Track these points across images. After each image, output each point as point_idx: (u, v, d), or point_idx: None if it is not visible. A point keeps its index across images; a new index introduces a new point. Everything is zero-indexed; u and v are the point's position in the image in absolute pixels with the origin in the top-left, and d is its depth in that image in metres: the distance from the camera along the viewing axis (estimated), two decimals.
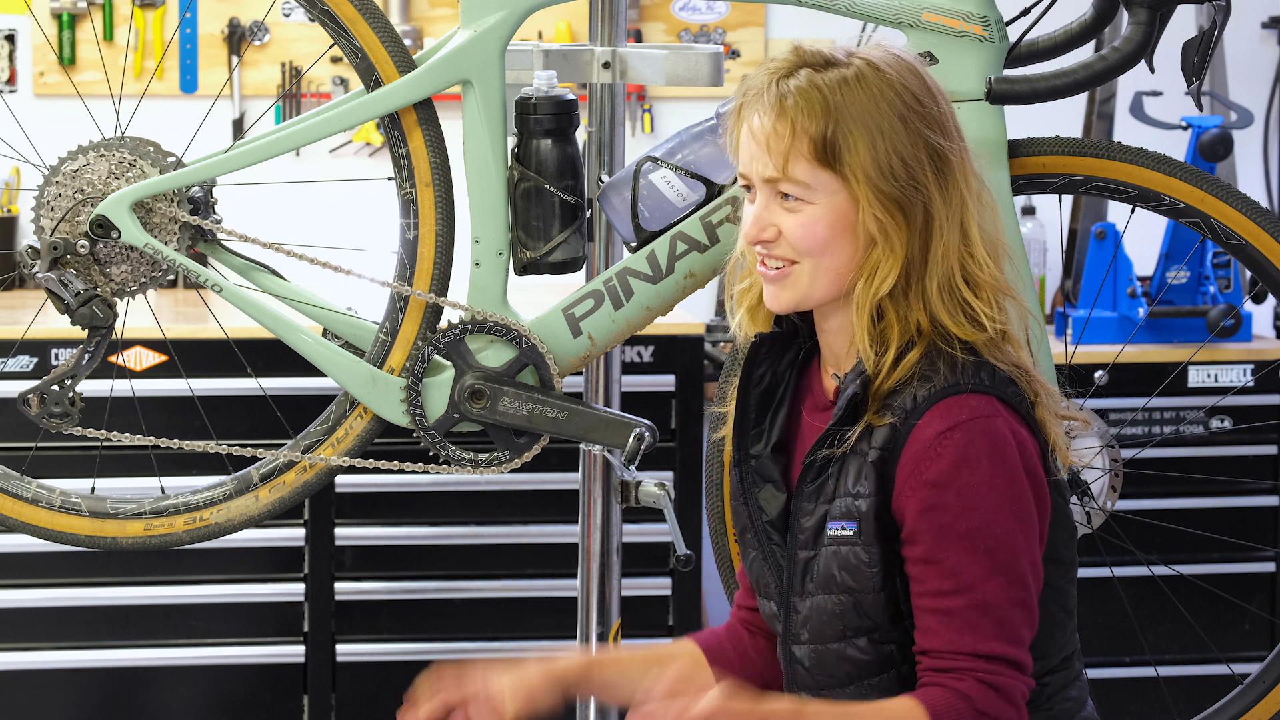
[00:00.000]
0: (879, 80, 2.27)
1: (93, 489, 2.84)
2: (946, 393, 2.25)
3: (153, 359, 4.28)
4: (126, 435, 2.79)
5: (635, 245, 2.71)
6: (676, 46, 2.89)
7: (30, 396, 2.72)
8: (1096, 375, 3.81)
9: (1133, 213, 2.80)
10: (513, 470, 2.74)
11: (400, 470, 2.79)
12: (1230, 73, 5.08)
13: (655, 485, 2.74)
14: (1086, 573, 2.64)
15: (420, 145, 2.68)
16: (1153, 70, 2.62)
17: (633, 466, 2.72)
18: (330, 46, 3.61)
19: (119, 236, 2.67)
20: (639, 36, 5.07)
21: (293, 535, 4.38)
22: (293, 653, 4.40)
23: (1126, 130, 4.79)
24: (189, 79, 4.98)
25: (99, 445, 2.81)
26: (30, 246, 2.71)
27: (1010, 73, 2.61)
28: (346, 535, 4.40)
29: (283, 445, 2.79)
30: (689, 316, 4.45)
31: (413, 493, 4.41)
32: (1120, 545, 3.04)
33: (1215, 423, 4.57)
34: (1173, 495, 4.51)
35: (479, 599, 4.44)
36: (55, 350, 4.25)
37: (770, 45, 5.14)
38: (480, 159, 2.68)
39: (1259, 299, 4.80)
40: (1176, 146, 4.08)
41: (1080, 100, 4.86)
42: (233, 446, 2.79)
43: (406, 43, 2.77)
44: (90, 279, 2.70)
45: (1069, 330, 4.59)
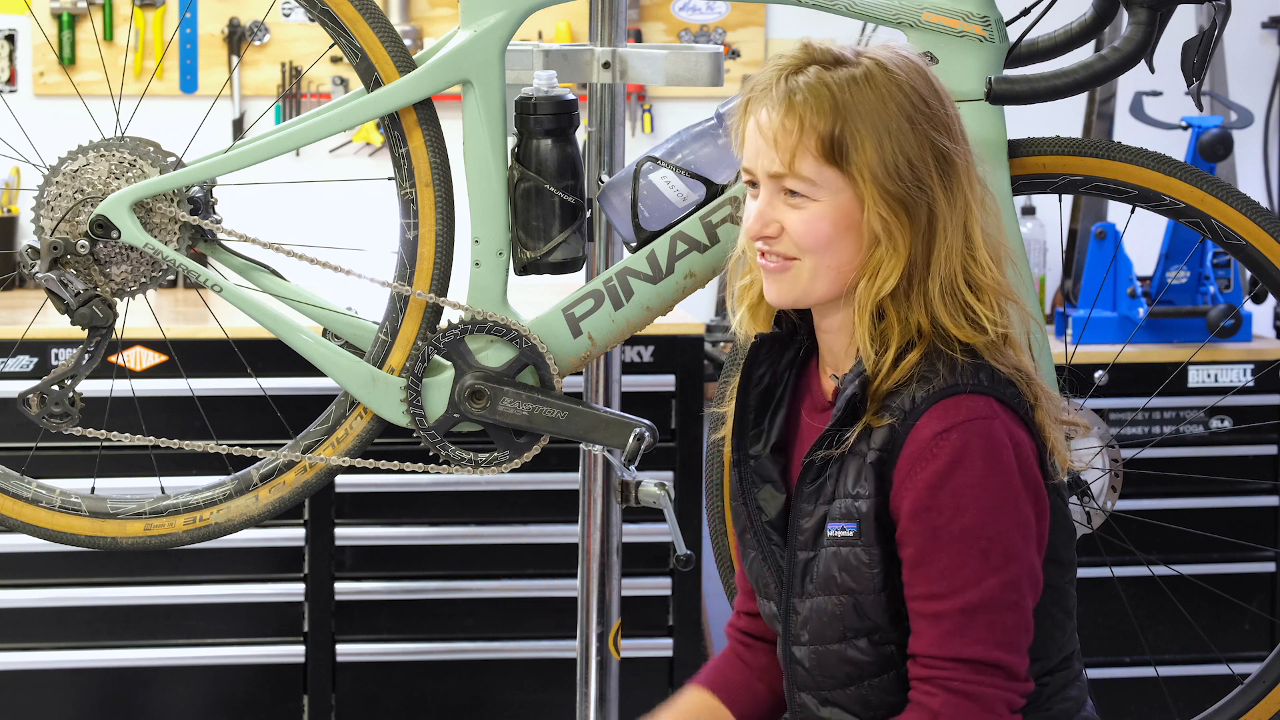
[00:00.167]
0: (888, 80, 2.27)
1: (93, 489, 2.84)
2: (945, 394, 2.25)
3: (153, 359, 4.27)
4: (126, 435, 2.78)
5: (635, 245, 2.71)
6: (676, 46, 2.89)
7: (30, 396, 2.72)
8: (1096, 375, 3.81)
9: (1133, 213, 2.80)
10: (513, 470, 2.74)
11: (400, 470, 2.79)
12: (1230, 73, 5.08)
13: (655, 485, 2.74)
14: (1086, 573, 2.64)
15: (420, 145, 2.68)
16: (1153, 70, 2.62)
17: (633, 466, 2.72)
18: (330, 46, 3.60)
19: (119, 236, 2.67)
20: (639, 36, 5.06)
21: (293, 535, 4.38)
22: (293, 653, 4.40)
23: (1126, 130, 4.79)
24: (189, 79, 4.98)
25: (99, 445, 2.80)
26: (30, 246, 2.70)
27: (1010, 73, 2.61)
28: (346, 535, 4.39)
29: (283, 445, 2.79)
30: (689, 316, 4.45)
31: (413, 493, 4.40)
32: (1120, 545, 3.04)
33: (1215, 423, 4.57)
34: (1173, 495, 4.50)
35: (479, 599, 4.44)
36: (55, 350, 4.25)
37: (770, 45, 5.14)
38: (480, 159, 2.68)
39: (1259, 299, 4.80)
40: (1176, 146, 4.08)
41: (1080, 100, 4.86)
42: (233, 446, 2.79)
43: (406, 43, 2.77)
44: (90, 279, 2.70)
45: (1069, 330, 4.59)
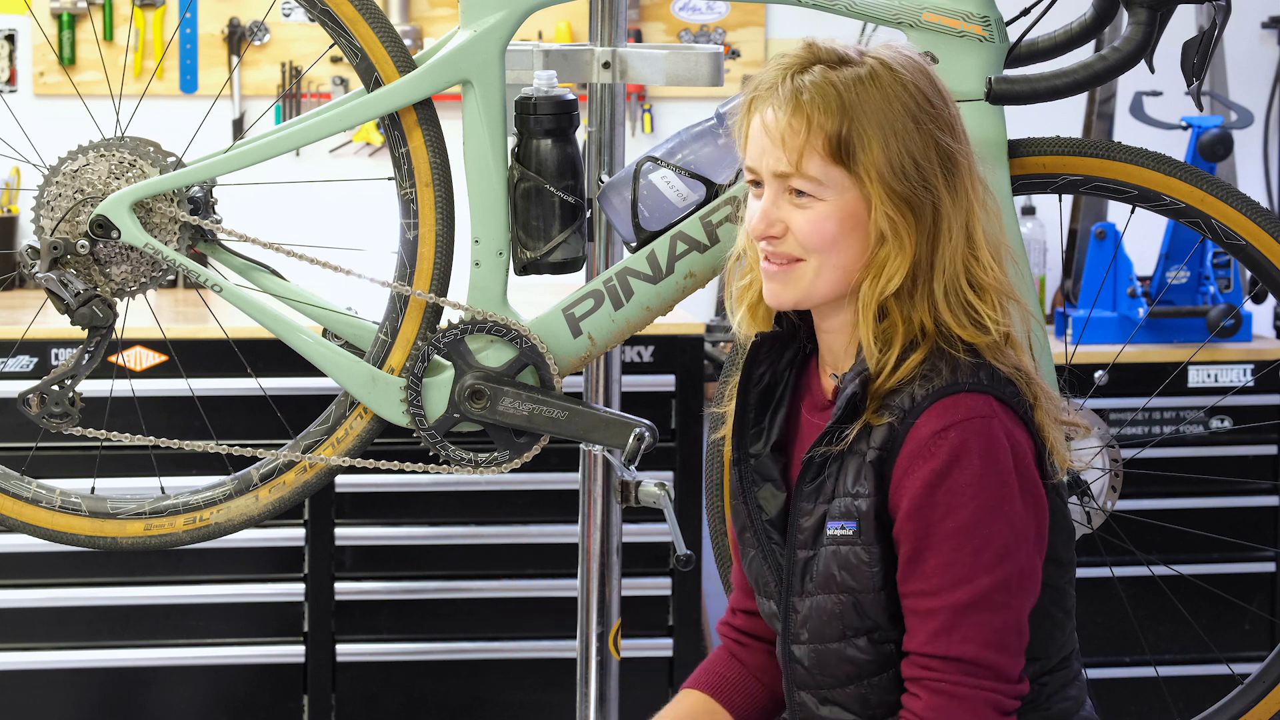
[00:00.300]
0: (893, 80, 2.26)
1: (93, 489, 2.84)
2: (944, 392, 2.25)
3: (153, 359, 4.27)
4: (126, 435, 2.78)
5: (635, 245, 2.71)
6: (676, 46, 2.89)
7: (30, 396, 2.72)
8: (1096, 375, 3.81)
9: (1133, 213, 2.80)
10: (513, 470, 2.74)
11: (400, 470, 2.79)
12: (1230, 73, 5.08)
13: (655, 485, 2.74)
14: (1086, 573, 2.64)
15: (420, 145, 2.68)
16: (1153, 70, 2.61)
17: (633, 466, 2.72)
18: (330, 46, 3.60)
19: (119, 236, 2.67)
20: (639, 36, 5.06)
21: (293, 535, 4.38)
22: (293, 653, 4.40)
23: (1126, 130, 4.79)
24: (189, 79, 4.98)
25: (99, 445, 2.80)
26: (30, 246, 2.70)
27: (1010, 73, 2.61)
28: (346, 535, 4.39)
29: (283, 445, 2.79)
30: (689, 316, 4.45)
31: (413, 493, 4.40)
32: (1120, 545, 3.04)
33: (1215, 423, 4.57)
34: (1173, 495, 4.50)
35: (479, 599, 4.44)
36: (55, 350, 4.25)
37: (770, 45, 5.14)
38: (480, 159, 2.68)
39: (1259, 299, 4.80)
40: (1176, 146, 4.08)
41: (1080, 100, 4.86)
42: (233, 446, 2.79)
43: (406, 43, 2.77)
44: (90, 279, 2.70)
45: (1069, 330, 4.59)
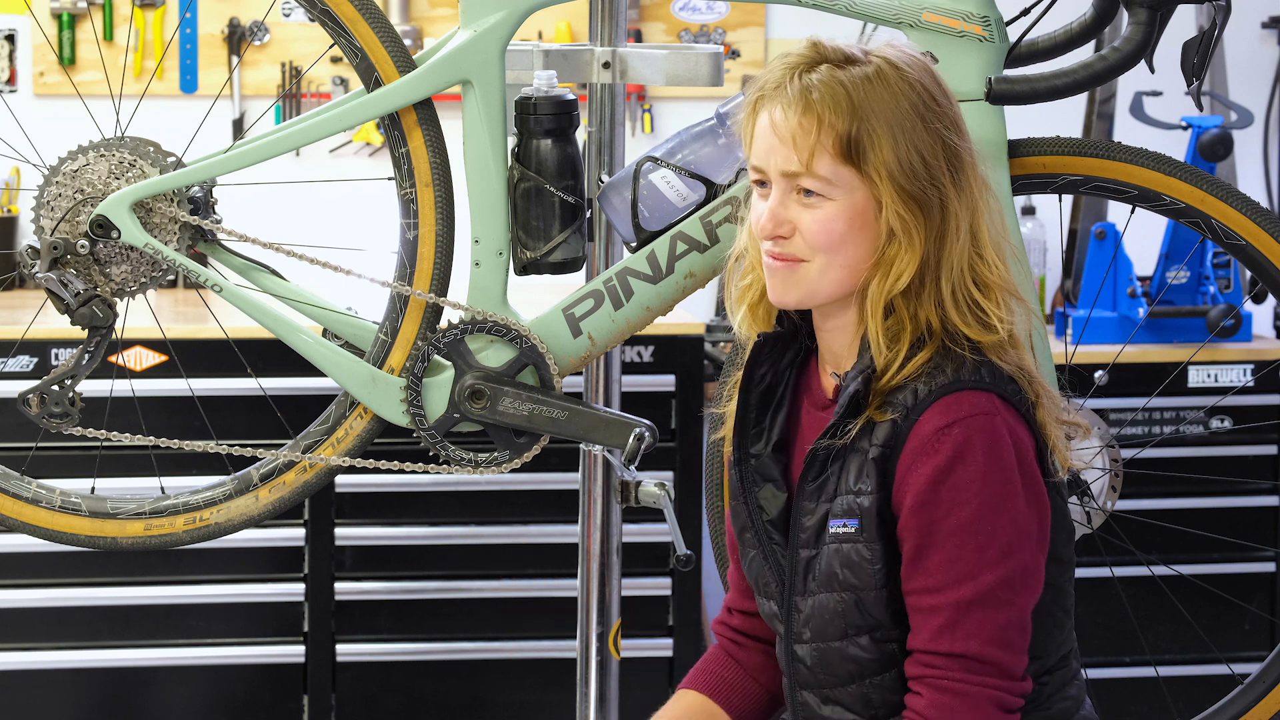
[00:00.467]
0: (899, 78, 2.26)
1: (93, 489, 2.84)
2: (947, 389, 2.25)
3: (153, 359, 4.27)
4: (126, 435, 2.78)
5: (635, 245, 2.71)
6: (676, 46, 2.89)
7: (30, 396, 2.72)
8: (1096, 375, 3.81)
9: (1133, 213, 2.80)
10: (513, 470, 2.74)
11: (400, 470, 2.79)
12: (1230, 73, 5.08)
13: (655, 485, 2.74)
14: (1086, 573, 2.64)
15: (420, 145, 2.68)
16: (1153, 70, 2.61)
17: (633, 466, 2.72)
18: (330, 46, 3.60)
19: (119, 236, 2.67)
20: (639, 36, 5.06)
21: (293, 535, 4.38)
22: (293, 653, 4.40)
23: (1126, 130, 4.79)
24: (189, 79, 4.98)
25: (99, 445, 2.80)
26: (30, 246, 2.70)
27: (1010, 73, 2.61)
28: (346, 535, 4.39)
29: (283, 445, 2.79)
30: (689, 316, 4.45)
31: (413, 493, 4.40)
32: (1120, 545, 3.04)
33: (1215, 423, 4.57)
34: (1173, 495, 4.50)
35: (479, 599, 4.44)
36: (55, 350, 4.25)
37: (770, 45, 5.14)
38: (480, 159, 2.68)
39: (1259, 299, 4.80)
40: (1176, 146, 4.08)
41: (1080, 100, 4.86)
42: (233, 446, 2.79)
43: (406, 43, 2.77)
44: (90, 279, 2.70)
45: (1069, 330, 4.59)
